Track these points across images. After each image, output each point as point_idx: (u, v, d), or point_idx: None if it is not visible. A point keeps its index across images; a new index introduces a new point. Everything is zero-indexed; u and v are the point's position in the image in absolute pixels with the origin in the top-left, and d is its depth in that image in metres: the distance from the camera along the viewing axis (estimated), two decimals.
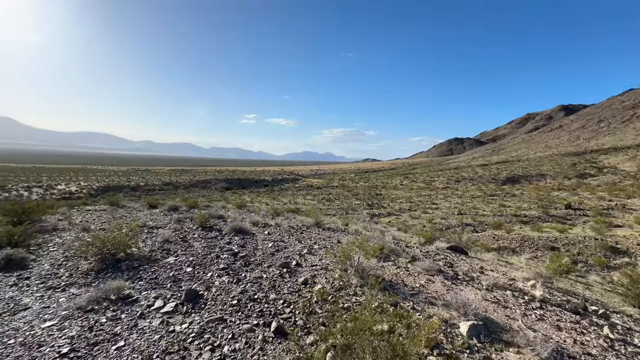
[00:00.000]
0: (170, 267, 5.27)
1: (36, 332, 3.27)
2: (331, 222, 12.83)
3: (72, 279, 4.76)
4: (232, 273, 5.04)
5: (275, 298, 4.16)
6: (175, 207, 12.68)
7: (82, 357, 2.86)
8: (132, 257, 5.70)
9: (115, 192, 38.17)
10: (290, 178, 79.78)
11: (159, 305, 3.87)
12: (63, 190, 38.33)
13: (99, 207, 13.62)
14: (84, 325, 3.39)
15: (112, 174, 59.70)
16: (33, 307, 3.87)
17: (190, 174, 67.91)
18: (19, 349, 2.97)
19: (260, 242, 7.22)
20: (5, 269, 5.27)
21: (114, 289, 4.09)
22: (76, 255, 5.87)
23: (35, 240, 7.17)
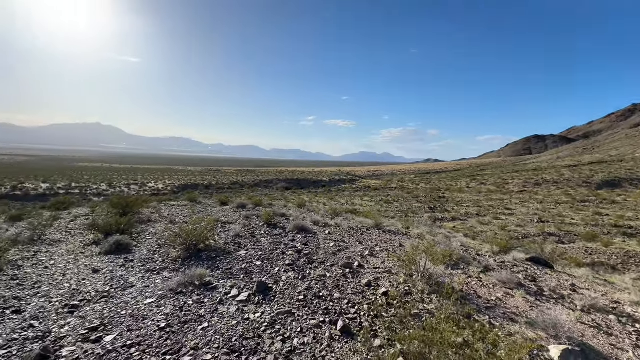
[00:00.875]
0: (242, 260, 5.73)
1: (140, 306, 3.87)
2: (391, 224, 12.46)
3: (164, 264, 5.52)
4: (297, 269, 5.25)
5: (340, 297, 4.21)
6: (243, 204, 13.74)
7: (176, 332, 3.29)
8: (210, 248, 6.37)
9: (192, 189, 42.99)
10: (347, 179, 79.88)
11: (235, 293, 4.24)
12: (153, 187, 44.66)
13: (180, 202, 15.49)
14: (176, 305, 3.90)
15: (190, 173, 67.49)
16: (137, 285, 4.60)
17: (254, 174, 72.94)
18: (129, 319, 3.55)
19: (321, 241, 7.39)
20: (116, 252, 6.37)
21: (197, 276, 4.62)
22: (166, 244, 6.79)
23: (136, 229, 8.50)
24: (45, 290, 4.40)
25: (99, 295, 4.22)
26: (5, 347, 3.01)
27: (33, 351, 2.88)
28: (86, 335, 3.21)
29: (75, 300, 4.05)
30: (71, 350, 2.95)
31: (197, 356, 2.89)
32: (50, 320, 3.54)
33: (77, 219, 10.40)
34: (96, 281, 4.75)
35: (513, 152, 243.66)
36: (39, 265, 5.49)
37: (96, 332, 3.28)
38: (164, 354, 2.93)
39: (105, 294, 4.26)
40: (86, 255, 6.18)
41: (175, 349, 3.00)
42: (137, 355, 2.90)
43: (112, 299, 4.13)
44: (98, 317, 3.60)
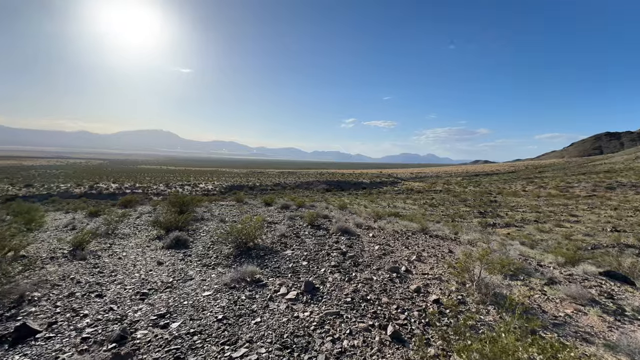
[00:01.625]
0: (288, 259, 5.90)
1: (200, 298, 4.19)
2: (437, 229, 11.88)
3: (218, 260, 5.90)
4: (343, 271, 5.26)
5: (388, 302, 4.12)
6: (286, 205, 14.14)
7: (232, 324, 3.50)
8: (258, 247, 6.66)
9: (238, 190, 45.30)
10: (388, 181, 77.98)
11: (284, 291, 4.38)
12: (203, 188, 48.01)
13: (228, 202, 16.43)
14: (230, 299, 4.15)
15: (235, 175, 71.33)
16: (195, 278, 4.98)
17: (295, 176, 74.68)
18: (191, 309, 3.86)
19: (366, 244, 7.31)
20: (176, 246, 6.96)
21: (248, 273, 4.86)
22: (219, 241, 7.25)
23: (191, 226, 9.22)
24: (120, 279, 4.97)
25: (164, 286, 4.66)
26: (92, 326, 3.46)
27: (114, 332, 3.26)
28: (155, 321, 3.56)
29: (145, 289, 4.51)
30: (144, 334, 3.29)
31: (252, 349, 3.04)
32: (125, 305, 4.00)
33: (142, 216, 11.58)
34: (161, 272, 5.24)
35: (579, 152, 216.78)
36: (114, 256, 6.23)
37: (164, 318, 3.63)
38: (223, 343, 3.13)
39: (169, 285, 4.68)
40: (151, 248, 6.85)
41: (232, 340, 3.18)
42: (199, 343, 3.14)
43: (175, 289, 4.52)
44: (164, 305, 3.97)
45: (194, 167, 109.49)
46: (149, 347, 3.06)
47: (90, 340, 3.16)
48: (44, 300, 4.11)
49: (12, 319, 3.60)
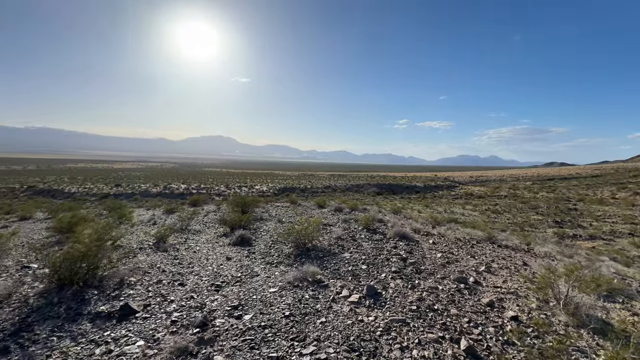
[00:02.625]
0: (347, 262, 5.92)
1: (266, 294, 4.43)
2: (505, 238, 10.80)
3: (280, 259, 6.17)
4: (405, 278, 5.09)
5: (458, 314, 3.87)
6: (339, 208, 14.21)
7: (299, 322, 3.63)
8: (317, 248, 6.81)
9: (290, 192, 46.90)
10: (444, 185, 73.41)
11: (345, 294, 4.40)
12: (258, 189, 50.80)
13: (283, 204, 17.09)
14: (295, 297, 4.30)
15: (288, 177, 74.04)
16: (261, 275, 5.28)
17: (345, 179, 74.71)
18: (260, 304, 4.10)
19: (426, 250, 6.97)
20: (241, 244, 7.47)
21: (310, 273, 4.99)
22: (279, 241, 7.60)
23: (252, 225, 9.82)
24: (196, 270, 5.51)
25: (234, 280, 5.03)
26: (178, 311, 3.89)
27: (197, 318, 3.63)
28: (230, 311, 3.86)
29: (218, 281, 4.92)
30: (221, 322, 3.59)
31: (320, 347, 3.11)
32: (203, 295, 4.41)
33: (208, 214, 12.69)
34: (230, 267, 5.68)
35: None
36: (189, 250, 6.93)
37: (237, 310, 3.92)
38: (292, 339, 3.26)
39: (238, 279, 5.04)
40: (220, 244, 7.46)
41: (300, 336, 3.30)
42: (270, 336, 3.32)
43: (244, 284, 4.85)
44: (236, 298, 4.29)
45: (250, 170, 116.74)
46: (227, 335, 3.33)
47: (178, 324, 3.56)
48: (138, 284, 4.75)
49: (117, 298, 4.23)
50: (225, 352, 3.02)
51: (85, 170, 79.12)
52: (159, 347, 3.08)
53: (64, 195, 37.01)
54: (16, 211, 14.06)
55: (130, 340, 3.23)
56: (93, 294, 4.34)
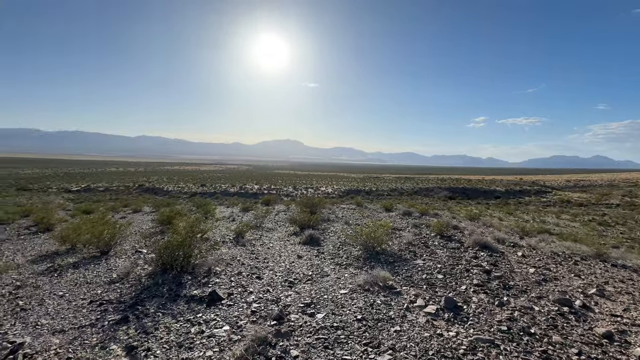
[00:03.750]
0: (420, 269, 5.57)
1: (337, 295, 4.44)
2: (620, 256, 8.80)
3: (349, 261, 6.15)
4: (490, 293, 4.54)
5: (562, 343, 3.26)
6: (408, 212, 13.54)
7: (371, 327, 3.53)
8: (386, 252, 6.58)
9: (355, 194, 46.69)
10: (532, 190, 63.87)
11: (420, 304, 4.13)
12: (324, 191, 51.93)
13: (349, 206, 17.06)
14: (366, 301, 4.21)
15: (352, 180, 73.94)
16: (331, 275, 5.33)
17: (413, 182, 71.11)
18: (331, 304, 4.13)
19: (515, 264, 6.12)
20: (310, 243, 7.69)
21: (380, 278, 4.83)
22: (347, 243, 7.59)
23: (320, 226, 10.03)
24: (271, 266, 5.85)
25: (305, 278, 5.18)
26: (257, 302, 4.18)
27: (274, 311, 3.84)
28: (304, 308, 3.98)
29: (291, 278, 5.14)
30: (296, 318, 3.72)
31: (396, 357, 2.96)
32: (278, 290, 4.65)
33: (279, 214, 13.43)
34: (301, 265, 5.88)
35: None
36: (264, 246, 7.41)
37: (309, 307, 4.01)
38: (365, 344, 3.18)
39: (310, 278, 5.18)
40: (291, 243, 7.80)
41: (374, 342, 3.20)
42: (343, 338, 3.30)
43: (315, 283, 4.96)
44: (308, 296, 4.40)
45: (316, 172, 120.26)
46: (302, 331, 3.43)
47: (257, 314, 3.82)
48: (222, 274, 5.26)
49: (206, 285, 4.75)
50: (300, 348, 3.10)
51: (178, 172, 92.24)
52: (242, 334, 3.33)
53: (163, 193, 43.69)
54: (130, 205, 17.11)
55: (218, 324, 3.58)
56: (187, 279, 4.96)
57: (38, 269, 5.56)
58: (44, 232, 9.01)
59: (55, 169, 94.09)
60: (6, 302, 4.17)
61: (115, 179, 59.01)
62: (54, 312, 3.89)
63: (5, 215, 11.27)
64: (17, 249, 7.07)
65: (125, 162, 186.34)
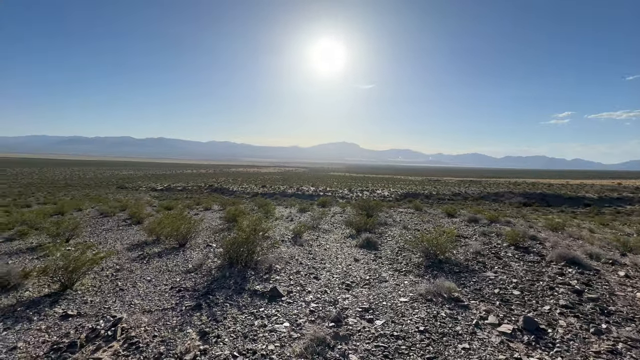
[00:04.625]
0: (491, 283, 5.02)
1: (397, 302, 4.25)
2: None
3: (408, 267, 5.86)
4: (583, 317, 3.86)
5: None
6: (474, 218, 12.39)
7: (436, 341, 3.29)
8: (450, 261, 6.10)
9: (412, 198, 44.57)
10: (634, 197, 53.01)
11: (493, 321, 3.71)
12: (380, 194, 50.72)
13: (407, 210, 16.32)
14: (429, 312, 3.95)
15: (410, 183, 70.73)
16: (389, 281, 5.14)
17: (479, 185, 65.02)
18: (390, 311, 3.97)
19: (615, 285, 5.11)
20: (367, 247, 7.54)
21: (445, 288, 4.49)
22: (406, 248, 7.25)
23: (377, 229, 9.79)
24: (328, 267, 5.89)
25: (362, 282, 5.09)
26: (315, 302, 4.24)
27: (331, 313, 3.84)
28: (362, 313, 3.90)
29: (348, 281, 5.10)
30: (354, 322, 3.67)
31: None
32: (335, 292, 4.65)
33: (335, 216, 13.50)
34: (358, 269, 5.79)
35: None
36: (321, 247, 7.51)
37: (368, 313, 3.92)
38: (429, 359, 2.97)
39: (367, 282, 5.07)
40: (347, 245, 7.76)
41: (439, 358, 2.97)
42: (404, 349, 3.14)
43: (373, 287, 4.83)
44: (366, 300, 4.31)
45: (372, 174, 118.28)
46: (360, 336, 3.36)
47: (315, 314, 3.87)
48: (282, 272, 5.47)
49: (267, 281, 5.00)
50: (359, 353, 3.04)
51: (242, 173, 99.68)
52: (301, 332, 3.41)
53: (229, 193, 47.62)
54: (202, 203, 19.01)
55: (278, 320, 3.72)
56: (251, 274, 5.28)
57: (132, 256, 6.51)
58: (136, 224, 10.52)
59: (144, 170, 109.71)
60: (110, 282, 4.96)
61: (190, 180, 66.33)
62: (144, 294, 4.50)
63: (109, 209, 13.51)
64: (116, 238, 8.39)
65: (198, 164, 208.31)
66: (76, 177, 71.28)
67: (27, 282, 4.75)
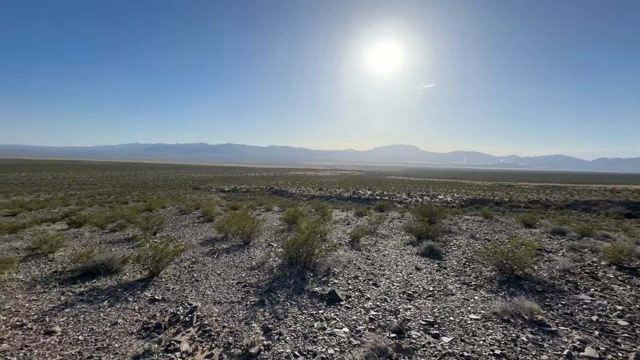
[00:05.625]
0: (587, 308, 4.24)
1: (466, 319, 3.87)
2: None
3: (478, 281, 5.30)
4: None
5: None
6: (559, 230, 10.72)
7: None
8: (530, 278, 5.35)
9: (480, 204, 40.61)
10: None
11: (591, 354, 3.11)
12: (442, 199, 47.45)
13: (475, 217, 14.89)
14: (506, 334, 3.50)
15: (478, 188, 64.58)
16: (456, 294, 4.72)
17: (564, 192, 56.18)
18: (459, 328, 3.63)
19: None
20: (429, 255, 7.08)
21: (526, 309, 3.93)
22: (474, 259, 6.60)
23: (441, 237, 9.13)
24: (387, 274, 5.67)
25: (425, 293, 4.77)
26: (374, 309, 4.10)
27: (393, 323, 3.67)
28: (426, 327, 3.65)
29: (410, 290, 4.83)
30: (417, 336, 3.44)
31: None
32: (396, 301, 4.44)
33: (393, 221, 13.01)
34: (420, 278, 5.45)
35: None
36: (380, 252, 7.29)
37: (432, 327, 3.64)
38: None
39: (430, 294, 4.73)
40: (407, 252, 7.39)
41: None
42: None
43: (437, 300, 4.49)
44: (430, 313, 4.01)
45: (432, 178, 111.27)
46: (425, 351, 3.14)
47: (375, 322, 3.74)
48: (340, 276, 5.45)
49: (325, 284, 5.02)
50: None
51: (300, 176, 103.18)
52: (361, 340, 3.32)
53: (288, 195, 49.69)
54: (263, 204, 20.17)
55: (337, 324, 3.69)
56: (310, 275, 5.37)
57: (204, 250, 7.20)
58: (208, 222, 11.63)
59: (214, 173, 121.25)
60: (187, 273, 5.55)
61: (252, 182, 71.14)
62: (215, 286, 4.91)
63: (186, 207, 15.23)
64: (192, 233, 9.37)
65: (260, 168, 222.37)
66: (161, 178, 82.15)
67: (125, 268, 5.59)
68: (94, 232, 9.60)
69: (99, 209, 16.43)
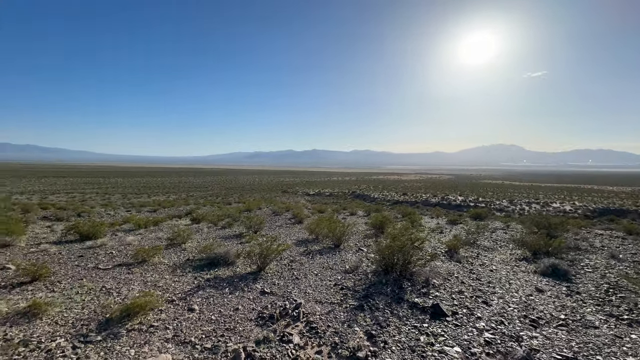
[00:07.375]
0: None
1: None
2: None
3: (633, 315, 4.16)
4: None
5: None
6: None
7: None
8: None
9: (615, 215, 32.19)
10: None
11: None
12: (557, 208, 39.44)
13: (611, 232, 11.85)
14: None
15: (612, 195, 51.24)
16: (601, 328, 3.80)
17: None
18: None
19: None
20: (552, 275, 5.93)
21: None
22: (622, 286, 5.22)
23: (566, 255, 7.56)
24: (499, 293, 4.98)
25: (555, 320, 3.99)
26: (489, 332, 3.64)
27: (516, 351, 3.18)
28: None
29: (533, 315, 4.11)
30: None
31: None
32: (516, 325, 3.84)
33: (496, 231, 11.42)
34: (545, 302, 4.60)
35: None
36: (485, 267, 6.48)
37: None
38: None
39: (563, 322, 3.93)
40: (521, 269, 6.36)
41: None
42: None
43: (574, 332, 3.70)
44: (566, 347, 3.33)
45: (544, 183, 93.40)
46: None
47: (493, 347, 3.31)
48: (441, 289, 5.04)
49: (426, 295, 4.71)
50: None
51: (382, 181, 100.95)
52: None
53: (370, 199, 49.15)
54: (347, 208, 20.42)
55: (447, 342, 3.40)
56: (407, 284, 5.14)
57: (299, 250, 7.67)
58: (298, 223, 12.41)
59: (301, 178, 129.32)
60: (287, 270, 6.01)
61: (335, 186, 73.00)
62: (313, 286, 5.17)
63: (279, 209, 16.62)
64: (286, 233, 10.13)
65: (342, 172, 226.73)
66: (256, 183, 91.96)
67: (238, 261, 6.41)
68: (210, 227, 11.34)
69: (211, 209, 19.37)
